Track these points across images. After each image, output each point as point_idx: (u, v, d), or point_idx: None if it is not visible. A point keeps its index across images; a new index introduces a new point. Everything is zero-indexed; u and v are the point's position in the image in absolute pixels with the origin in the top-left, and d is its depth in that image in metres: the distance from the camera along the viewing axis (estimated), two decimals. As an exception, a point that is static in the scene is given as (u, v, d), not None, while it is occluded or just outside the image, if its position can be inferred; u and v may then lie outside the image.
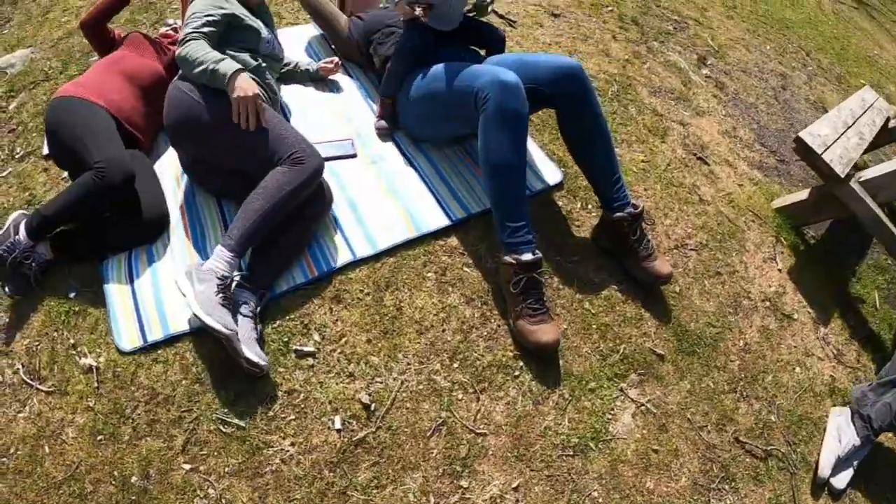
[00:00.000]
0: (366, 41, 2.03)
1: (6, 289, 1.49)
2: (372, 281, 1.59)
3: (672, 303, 1.75)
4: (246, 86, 1.46)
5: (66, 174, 1.81)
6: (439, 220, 1.67)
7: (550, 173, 1.89)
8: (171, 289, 1.49)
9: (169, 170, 1.80)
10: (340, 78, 2.17)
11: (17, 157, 1.99)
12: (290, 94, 2.05)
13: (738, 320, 1.80)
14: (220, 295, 1.34)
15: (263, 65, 1.71)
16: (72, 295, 1.54)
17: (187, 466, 1.29)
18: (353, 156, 1.81)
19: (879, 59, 4.74)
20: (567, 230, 1.81)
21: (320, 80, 2.13)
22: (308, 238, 1.60)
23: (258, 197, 1.44)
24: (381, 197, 1.72)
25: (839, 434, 1.58)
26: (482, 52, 1.94)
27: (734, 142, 2.52)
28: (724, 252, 1.98)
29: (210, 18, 1.58)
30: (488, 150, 1.49)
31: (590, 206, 1.88)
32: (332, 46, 2.30)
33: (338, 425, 1.36)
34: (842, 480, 1.53)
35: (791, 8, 4.64)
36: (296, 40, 2.35)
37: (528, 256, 1.48)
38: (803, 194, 2.23)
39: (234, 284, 1.43)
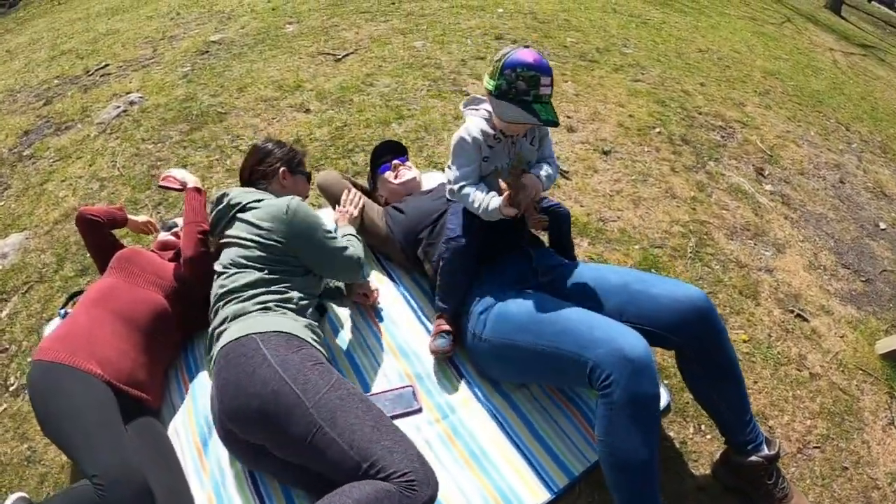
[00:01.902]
0: (411, 242, 1.63)
1: None
2: None
3: (808, 531, 1.42)
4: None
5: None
6: (539, 496, 1.29)
7: (654, 395, 1.53)
8: None
9: (186, 434, 1.40)
10: (384, 288, 1.70)
11: (11, 388, 1.67)
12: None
13: (871, 522, 1.48)
14: None
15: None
16: None
17: None
18: (418, 410, 1.40)
19: (907, 108, 4.62)
20: (683, 468, 1.46)
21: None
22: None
23: None
24: (460, 469, 1.32)
25: None
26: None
27: (820, 275, 2.27)
28: (846, 437, 1.69)
29: None
30: (614, 445, 1.14)
31: (704, 428, 1.54)
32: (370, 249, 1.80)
33: None
34: None
35: (814, 76, 4.48)
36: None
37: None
38: (909, 335, 1.98)
39: None
